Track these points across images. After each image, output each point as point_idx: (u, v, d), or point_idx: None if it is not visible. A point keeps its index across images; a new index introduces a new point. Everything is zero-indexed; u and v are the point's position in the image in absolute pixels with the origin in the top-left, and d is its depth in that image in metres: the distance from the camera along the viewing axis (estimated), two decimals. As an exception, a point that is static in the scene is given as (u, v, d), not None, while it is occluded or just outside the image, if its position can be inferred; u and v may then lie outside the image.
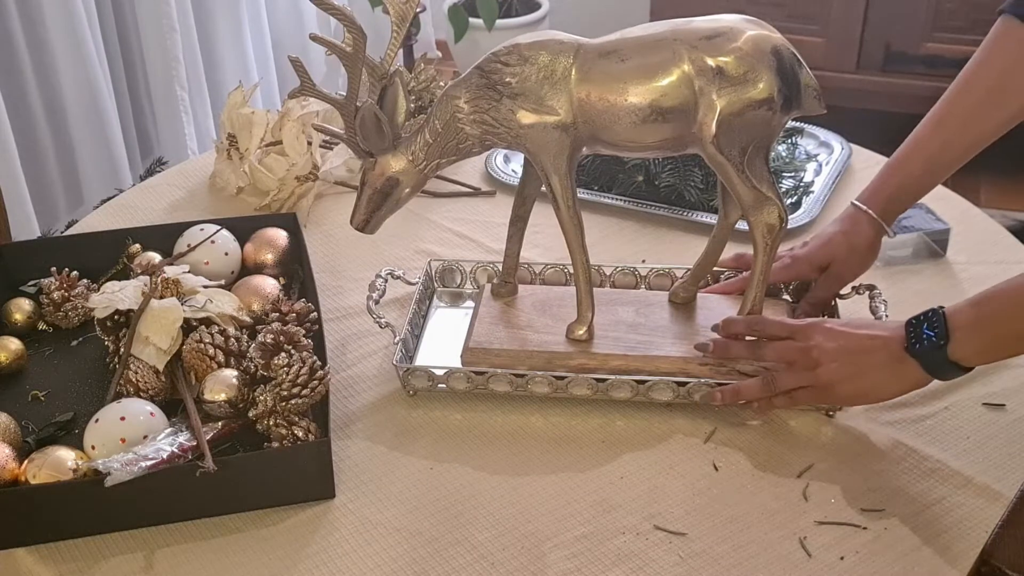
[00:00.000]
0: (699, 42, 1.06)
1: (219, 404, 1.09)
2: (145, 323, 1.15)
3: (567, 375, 1.13)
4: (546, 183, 1.13)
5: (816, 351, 1.07)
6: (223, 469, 1.00)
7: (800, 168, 1.55)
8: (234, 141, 1.56)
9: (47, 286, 1.27)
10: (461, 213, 1.52)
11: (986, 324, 1.00)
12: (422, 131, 1.13)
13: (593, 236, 1.24)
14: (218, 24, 2.75)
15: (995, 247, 1.41)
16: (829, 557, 0.98)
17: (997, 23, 1.19)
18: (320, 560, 0.99)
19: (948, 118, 1.20)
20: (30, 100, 2.31)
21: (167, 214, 1.53)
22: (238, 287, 1.28)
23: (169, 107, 2.58)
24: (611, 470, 1.08)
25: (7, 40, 2.24)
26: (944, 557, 0.97)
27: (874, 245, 1.24)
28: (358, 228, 1.17)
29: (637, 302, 1.25)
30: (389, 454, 1.11)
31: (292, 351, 1.09)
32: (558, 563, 0.98)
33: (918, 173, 1.22)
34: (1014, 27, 1.17)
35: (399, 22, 1.12)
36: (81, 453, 1.04)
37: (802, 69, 1.09)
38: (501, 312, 1.23)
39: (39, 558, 1.01)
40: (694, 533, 1.01)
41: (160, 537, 1.02)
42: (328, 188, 1.57)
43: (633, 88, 1.07)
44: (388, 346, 1.22)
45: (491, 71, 1.10)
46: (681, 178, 1.48)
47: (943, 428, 1.12)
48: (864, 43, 2.93)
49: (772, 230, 1.11)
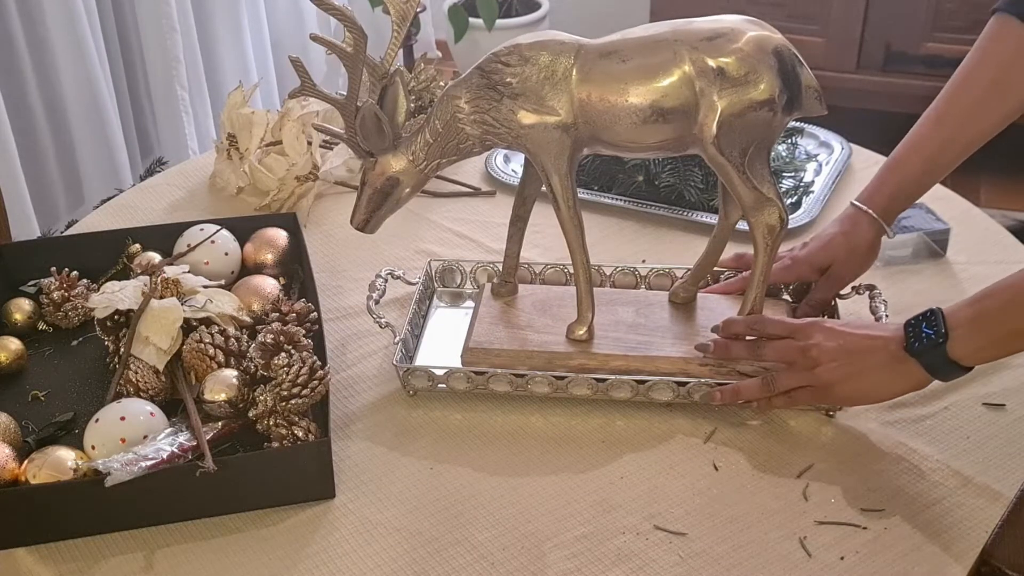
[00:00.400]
0: (700, 43, 1.06)
1: (219, 404, 1.09)
2: (145, 323, 1.15)
3: (567, 375, 1.13)
4: (546, 183, 1.13)
5: (815, 350, 1.07)
6: (223, 469, 1.00)
7: (800, 168, 1.55)
8: (234, 141, 1.56)
9: (47, 286, 1.27)
10: (461, 213, 1.52)
11: (984, 321, 1.00)
12: (422, 131, 1.13)
13: (593, 236, 1.24)
14: (218, 24, 2.75)
15: (995, 247, 1.41)
16: (829, 557, 0.98)
17: (991, 21, 1.19)
18: (320, 560, 0.99)
19: (946, 116, 1.21)
20: (30, 100, 2.31)
21: (167, 214, 1.53)
22: (238, 287, 1.28)
23: (169, 107, 2.58)
24: (611, 470, 1.08)
25: (7, 40, 2.24)
26: (944, 557, 0.97)
27: (874, 246, 1.24)
28: (358, 228, 1.17)
29: (637, 302, 1.25)
30: (389, 454, 1.11)
31: (292, 351, 1.09)
32: (558, 563, 0.98)
33: (917, 172, 1.22)
34: (1009, 25, 1.17)
35: (399, 22, 1.12)
36: (81, 453, 1.04)
37: (803, 70, 1.09)
38: (501, 312, 1.23)
39: (39, 558, 1.01)
40: (694, 533, 1.01)
41: (160, 537, 1.02)
42: (328, 188, 1.57)
43: (634, 89, 1.07)
44: (388, 346, 1.22)
45: (492, 71, 1.10)
46: (681, 178, 1.48)
47: (943, 428, 1.12)
48: (864, 43, 2.93)
49: (772, 231, 1.11)
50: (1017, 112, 1.19)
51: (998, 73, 1.18)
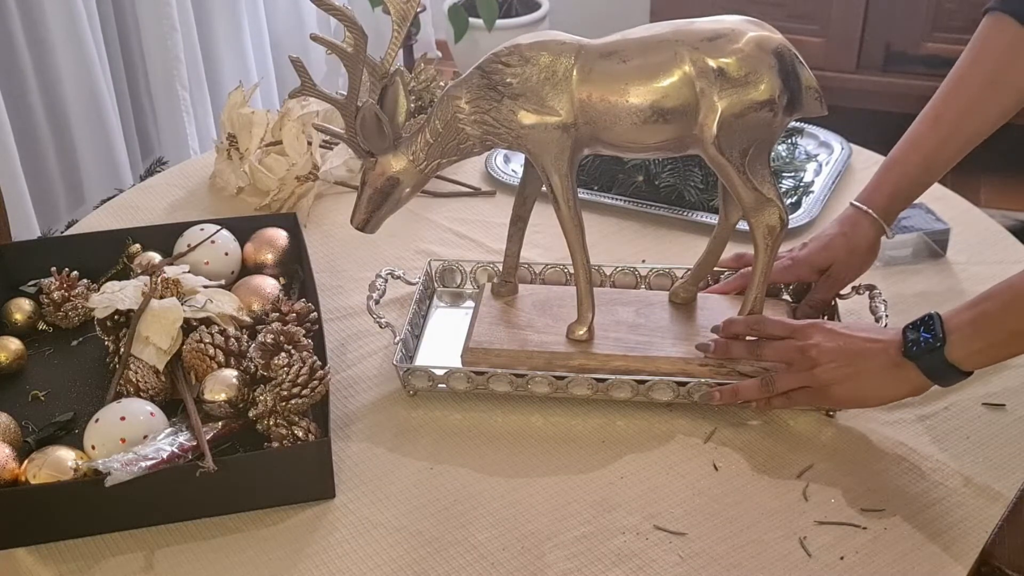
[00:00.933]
0: (700, 43, 1.06)
1: (219, 404, 1.09)
2: (145, 323, 1.15)
3: (567, 375, 1.13)
4: (547, 183, 1.13)
5: (815, 350, 1.07)
6: (223, 469, 1.00)
7: (800, 168, 1.55)
8: (234, 141, 1.56)
9: (47, 286, 1.27)
10: (461, 213, 1.52)
11: (983, 323, 1.00)
12: (422, 131, 1.13)
13: (593, 236, 1.24)
14: (217, 24, 2.75)
15: (995, 247, 1.41)
16: (829, 557, 0.98)
17: (984, 20, 1.20)
18: (320, 560, 0.99)
19: (943, 116, 1.21)
20: (30, 100, 2.31)
21: (167, 214, 1.53)
22: (238, 287, 1.28)
23: (170, 107, 2.58)
24: (611, 470, 1.08)
25: (7, 40, 2.24)
26: (944, 557, 0.97)
27: (874, 246, 1.24)
28: (358, 228, 1.17)
29: (637, 302, 1.25)
30: (389, 454, 1.11)
31: (292, 351, 1.09)
32: (558, 563, 0.98)
33: (916, 171, 1.22)
34: (1002, 23, 1.18)
35: (399, 22, 1.12)
36: (81, 453, 1.04)
37: (803, 70, 1.09)
38: (501, 312, 1.23)
39: (39, 558, 1.01)
40: (694, 533, 1.01)
41: (160, 537, 1.02)
42: (328, 188, 1.57)
43: (634, 89, 1.07)
44: (388, 346, 1.22)
45: (492, 71, 1.10)
46: (681, 178, 1.48)
47: (943, 428, 1.12)
48: (864, 43, 2.93)
49: (773, 231, 1.11)
50: (1013, 109, 1.20)
51: (993, 71, 1.19)
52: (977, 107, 1.20)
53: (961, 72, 1.21)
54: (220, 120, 1.60)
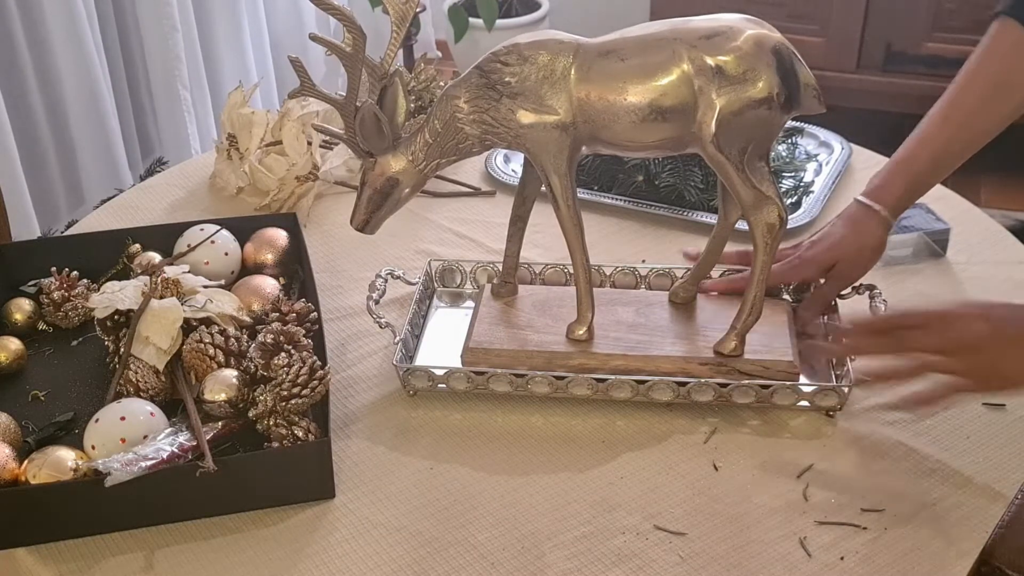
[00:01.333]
0: (698, 41, 1.06)
1: (219, 404, 1.09)
2: (145, 323, 1.15)
3: (567, 375, 1.13)
4: (546, 183, 1.13)
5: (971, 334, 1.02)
6: (223, 469, 1.00)
7: (800, 168, 1.55)
8: (234, 141, 1.56)
9: (47, 286, 1.27)
10: (461, 213, 1.52)
11: None
12: (422, 131, 1.13)
13: (593, 236, 1.24)
14: (217, 24, 2.75)
15: (995, 247, 1.41)
16: (829, 557, 0.98)
17: (994, 25, 1.21)
18: (320, 560, 0.99)
19: (952, 116, 1.21)
20: (30, 100, 2.31)
21: (167, 214, 1.53)
22: (238, 287, 1.28)
23: (171, 107, 2.58)
24: (611, 470, 1.08)
25: (7, 40, 2.24)
26: (944, 557, 0.97)
27: (881, 244, 1.23)
28: (358, 228, 1.17)
29: (637, 302, 1.25)
30: (389, 454, 1.11)
31: (292, 351, 1.09)
32: (558, 563, 0.98)
33: (925, 170, 1.22)
34: (1010, 28, 1.19)
35: (399, 22, 1.12)
36: (81, 453, 1.04)
37: (801, 68, 1.08)
38: (501, 312, 1.23)
39: (39, 558, 1.01)
40: (694, 533, 1.01)
41: (160, 537, 1.02)
42: (328, 188, 1.57)
43: (632, 87, 1.07)
44: (388, 346, 1.22)
45: (491, 71, 1.10)
46: (681, 178, 1.48)
47: (943, 428, 1.12)
48: (864, 43, 2.93)
49: (772, 230, 1.11)
50: (1017, 113, 1.20)
51: (1000, 74, 1.19)
52: (985, 107, 1.20)
53: (970, 73, 1.21)
54: (220, 120, 1.60)
